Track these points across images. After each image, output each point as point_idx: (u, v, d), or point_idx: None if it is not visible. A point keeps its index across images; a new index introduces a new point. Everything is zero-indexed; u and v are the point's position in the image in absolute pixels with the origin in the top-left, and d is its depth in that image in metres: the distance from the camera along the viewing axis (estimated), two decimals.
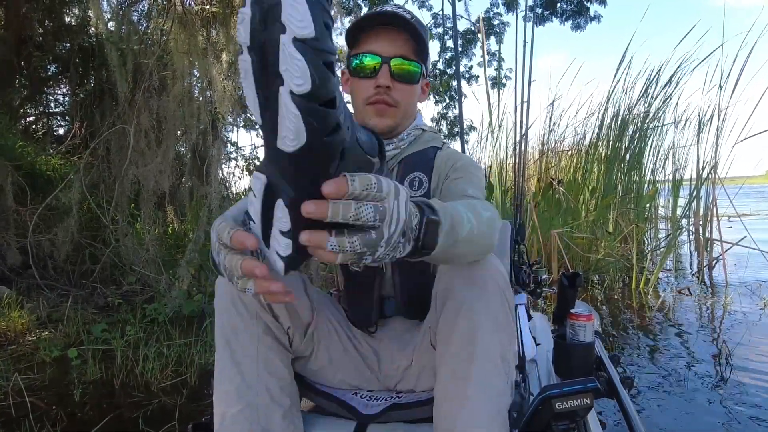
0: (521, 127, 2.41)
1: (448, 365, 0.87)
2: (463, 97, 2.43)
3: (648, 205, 5.23)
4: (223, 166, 5.47)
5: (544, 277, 1.66)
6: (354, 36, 1.07)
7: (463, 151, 2.29)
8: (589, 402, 0.97)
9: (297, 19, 0.41)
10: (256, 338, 0.96)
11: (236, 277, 0.61)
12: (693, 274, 4.57)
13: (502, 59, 6.76)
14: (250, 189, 0.55)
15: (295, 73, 0.41)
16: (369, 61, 1.04)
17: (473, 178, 1.06)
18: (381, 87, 1.04)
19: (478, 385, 0.84)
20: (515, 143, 2.63)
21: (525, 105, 2.38)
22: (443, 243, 0.64)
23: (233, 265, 0.60)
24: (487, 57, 6.61)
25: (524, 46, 2.29)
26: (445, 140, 1.23)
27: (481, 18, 5.44)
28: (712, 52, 5.04)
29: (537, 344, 1.54)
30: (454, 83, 6.66)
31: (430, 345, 1.00)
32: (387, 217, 0.52)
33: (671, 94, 5.11)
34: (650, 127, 5.18)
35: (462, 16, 6.51)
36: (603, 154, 5.19)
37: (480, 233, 0.74)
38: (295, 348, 1.04)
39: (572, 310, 1.32)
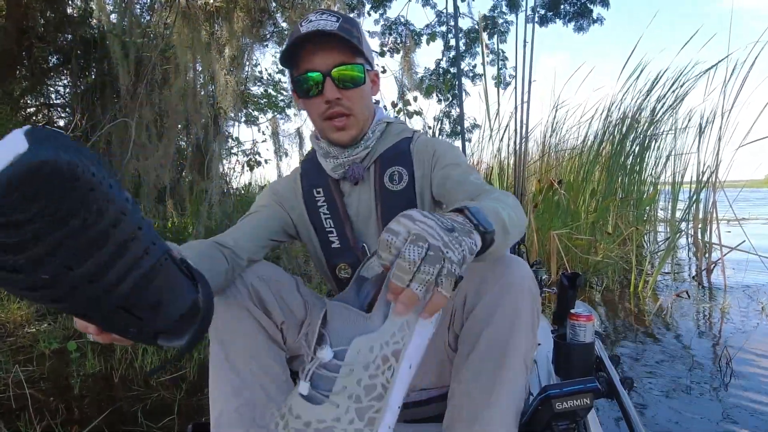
0: (521, 127, 2.41)
1: (474, 367, 0.87)
2: (467, 96, 2.43)
3: (648, 208, 5.23)
4: (224, 161, 5.46)
5: (543, 277, 1.67)
6: (290, 57, 1.04)
7: (464, 150, 2.29)
8: (588, 402, 0.97)
9: None
10: (249, 337, 0.97)
11: None
12: (691, 278, 4.58)
13: (506, 58, 6.76)
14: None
15: None
16: (311, 79, 1.02)
17: (461, 162, 1.08)
18: (331, 101, 1.03)
19: (505, 388, 0.85)
20: (515, 143, 2.63)
21: (525, 105, 2.38)
22: (496, 227, 0.67)
23: None
24: (490, 56, 6.62)
25: (524, 46, 2.29)
26: (415, 129, 1.23)
27: (479, 17, 5.44)
28: (718, 63, 4.96)
29: (537, 344, 1.55)
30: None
31: (446, 345, 1.00)
32: (423, 234, 0.56)
33: (676, 101, 5.11)
34: (653, 131, 5.18)
35: (465, 15, 6.50)
36: (605, 157, 5.20)
37: (516, 215, 0.79)
38: (289, 346, 1.05)
39: (572, 311, 1.32)
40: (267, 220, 1.13)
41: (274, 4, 5.04)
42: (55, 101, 5.26)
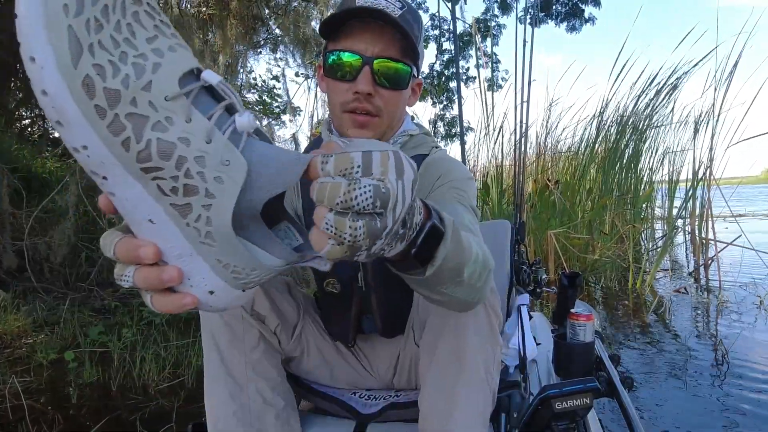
0: (521, 126, 2.42)
1: (434, 379, 0.86)
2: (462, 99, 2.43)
3: (644, 206, 5.25)
4: None
5: (543, 277, 1.67)
6: (332, 28, 0.88)
7: (463, 152, 2.29)
8: (588, 402, 0.97)
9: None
10: (242, 341, 0.96)
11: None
12: (689, 274, 4.58)
13: (498, 61, 6.79)
14: None
15: None
16: (347, 61, 0.86)
17: (465, 197, 0.89)
18: (360, 94, 0.86)
19: (463, 399, 0.84)
20: (515, 143, 2.64)
21: (525, 105, 2.38)
22: (441, 267, 0.55)
23: (106, 243, 0.43)
24: (484, 59, 6.64)
25: (524, 46, 2.30)
26: (439, 142, 1.09)
27: (473, 20, 5.46)
28: (705, 56, 5.00)
29: (537, 344, 1.54)
30: (452, 84, 6.67)
31: (414, 342, 1.00)
32: (391, 200, 0.41)
33: (666, 97, 5.14)
34: (647, 128, 5.20)
35: (458, 18, 6.52)
36: (600, 156, 5.22)
37: (478, 279, 0.65)
38: (283, 348, 1.04)
39: (572, 310, 1.32)
40: None
41: (267, 11, 5.05)
42: None
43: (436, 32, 6.91)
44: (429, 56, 7.02)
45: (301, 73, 5.41)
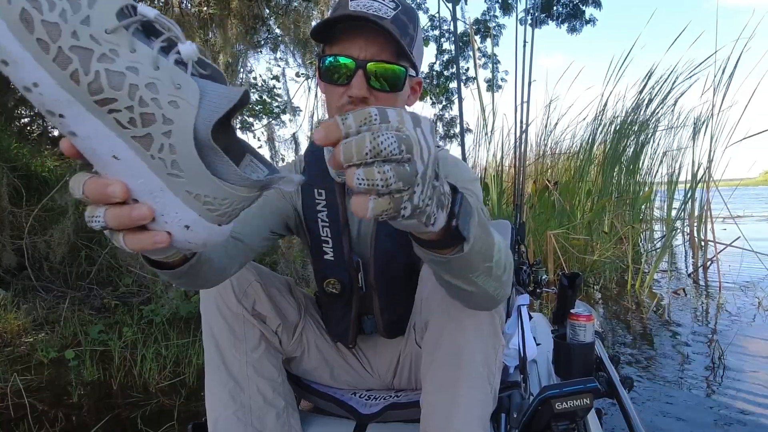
0: (521, 127, 2.42)
1: (435, 377, 0.87)
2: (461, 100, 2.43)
3: (643, 207, 5.26)
4: None
5: (543, 277, 1.67)
6: (325, 32, 0.87)
7: (463, 152, 2.29)
8: (588, 402, 0.98)
9: None
10: (243, 341, 0.97)
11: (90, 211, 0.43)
12: (688, 275, 4.59)
13: (498, 62, 6.79)
14: None
15: None
16: (341, 64, 0.84)
17: (474, 197, 0.88)
18: (355, 99, 0.84)
19: (463, 399, 0.84)
20: (515, 143, 2.64)
21: (525, 105, 2.39)
22: (474, 247, 0.56)
23: (74, 185, 0.43)
24: (482, 60, 6.64)
25: (524, 46, 2.30)
26: (439, 143, 1.07)
27: (469, 21, 5.46)
28: (705, 60, 5.02)
29: (537, 344, 1.55)
30: (452, 85, 6.67)
31: (415, 343, 1.01)
32: (415, 145, 0.42)
33: (666, 98, 5.15)
34: (647, 130, 5.21)
35: (458, 19, 6.52)
36: (600, 157, 5.22)
37: (504, 271, 0.67)
38: (284, 348, 1.05)
39: (572, 311, 1.33)
40: (270, 214, 0.97)
41: (267, 11, 5.05)
42: None
43: (436, 32, 6.91)
44: (429, 56, 7.02)
45: (302, 73, 5.41)
